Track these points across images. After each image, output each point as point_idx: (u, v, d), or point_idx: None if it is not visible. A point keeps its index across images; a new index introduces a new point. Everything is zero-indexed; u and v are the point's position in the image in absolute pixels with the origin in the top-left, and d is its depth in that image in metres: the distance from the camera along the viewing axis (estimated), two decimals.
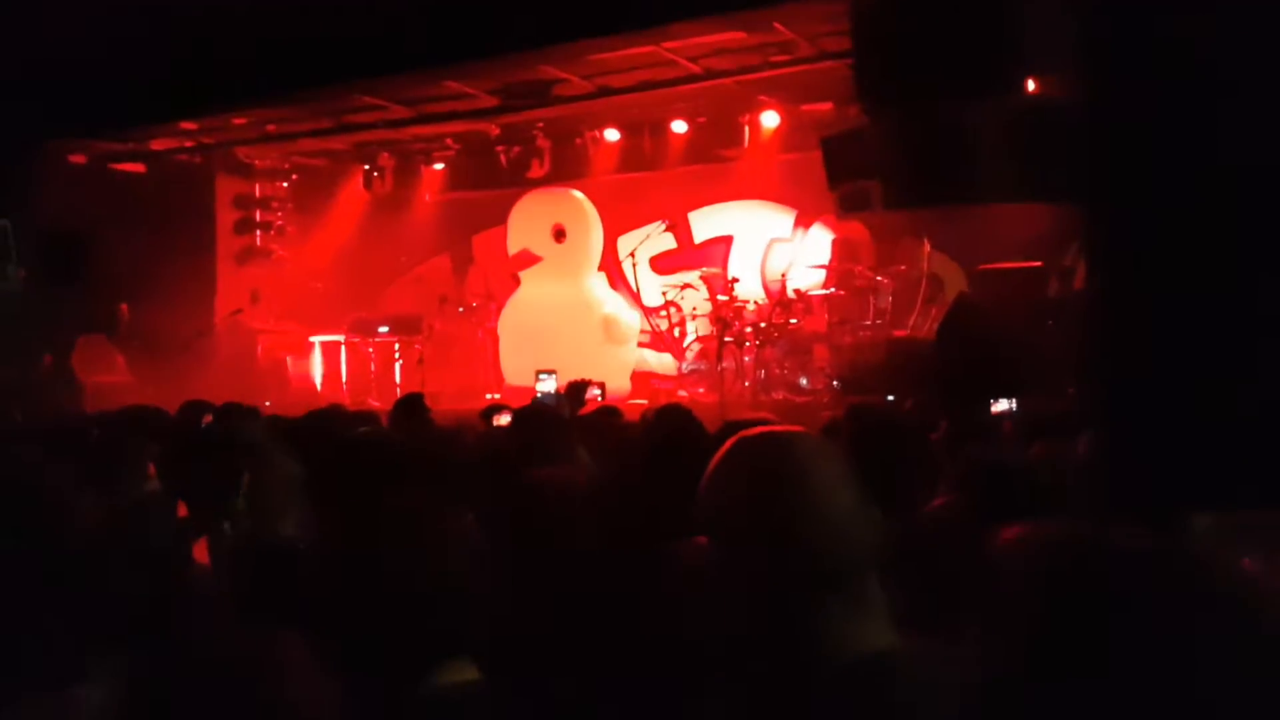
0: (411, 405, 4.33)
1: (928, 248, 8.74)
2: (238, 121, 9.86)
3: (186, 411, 4.08)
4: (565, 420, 3.46)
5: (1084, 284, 4.18)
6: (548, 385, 5.51)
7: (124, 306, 9.56)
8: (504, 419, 4.26)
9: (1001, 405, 4.15)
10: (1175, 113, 3.31)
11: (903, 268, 8.80)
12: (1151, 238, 3.06)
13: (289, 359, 10.06)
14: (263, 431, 3.37)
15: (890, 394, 6.99)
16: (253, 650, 1.33)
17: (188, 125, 9.65)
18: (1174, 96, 3.32)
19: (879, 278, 8.76)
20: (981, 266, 8.04)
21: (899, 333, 8.48)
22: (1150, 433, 2.49)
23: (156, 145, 10.14)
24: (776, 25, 7.58)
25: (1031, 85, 6.76)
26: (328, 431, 3.45)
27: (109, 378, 9.03)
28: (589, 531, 2.06)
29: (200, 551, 2.70)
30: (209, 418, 3.91)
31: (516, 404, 4.93)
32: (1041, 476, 2.16)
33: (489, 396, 8.95)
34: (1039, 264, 7.40)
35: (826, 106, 9.06)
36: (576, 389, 5.88)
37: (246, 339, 10.08)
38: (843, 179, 6.20)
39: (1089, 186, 3.70)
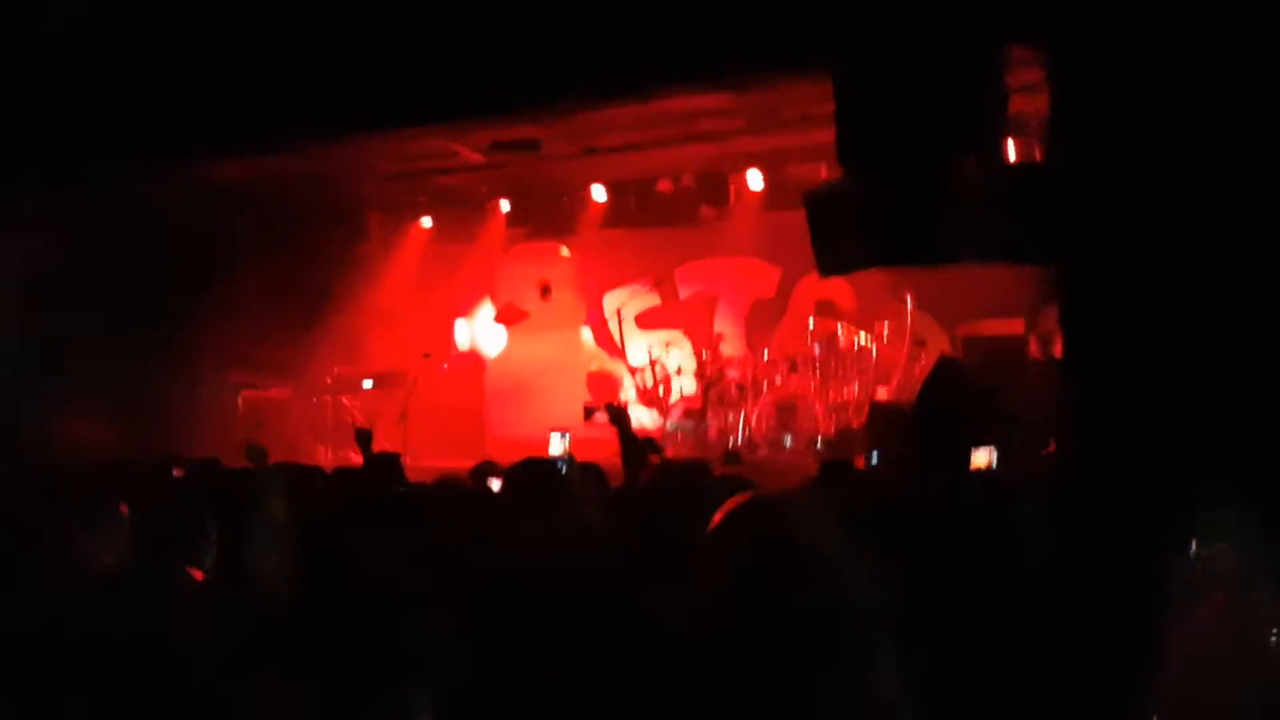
0: (387, 464, 4.30)
1: (911, 307, 8.79)
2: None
3: (157, 466, 4.05)
4: (562, 478, 3.38)
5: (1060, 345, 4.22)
6: (559, 446, 5.45)
7: None
8: (495, 484, 4.13)
9: (980, 461, 4.14)
10: (1139, 178, 3.37)
11: (886, 327, 8.85)
12: (1119, 298, 3.10)
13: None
14: (235, 486, 3.34)
15: (872, 454, 6.99)
16: None
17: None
18: (1137, 163, 3.38)
19: (862, 337, 8.80)
20: (963, 329, 8.10)
21: (882, 391, 8.50)
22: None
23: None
24: (761, 90, 7.69)
25: (1013, 148, 6.87)
26: (299, 489, 3.42)
27: (88, 430, 8.92)
28: (564, 592, 2.03)
29: None
30: (179, 471, 3.87)
31: (505, 460, 4.88)
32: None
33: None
34: (1020, 326, 7.45)
35: (810, 169, 9.17)
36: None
37: (228, 393, 10.02)
38: (825, 238, 6.24)
39: (1061, 248, 3.75)
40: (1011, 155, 6.23)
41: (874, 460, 7.02)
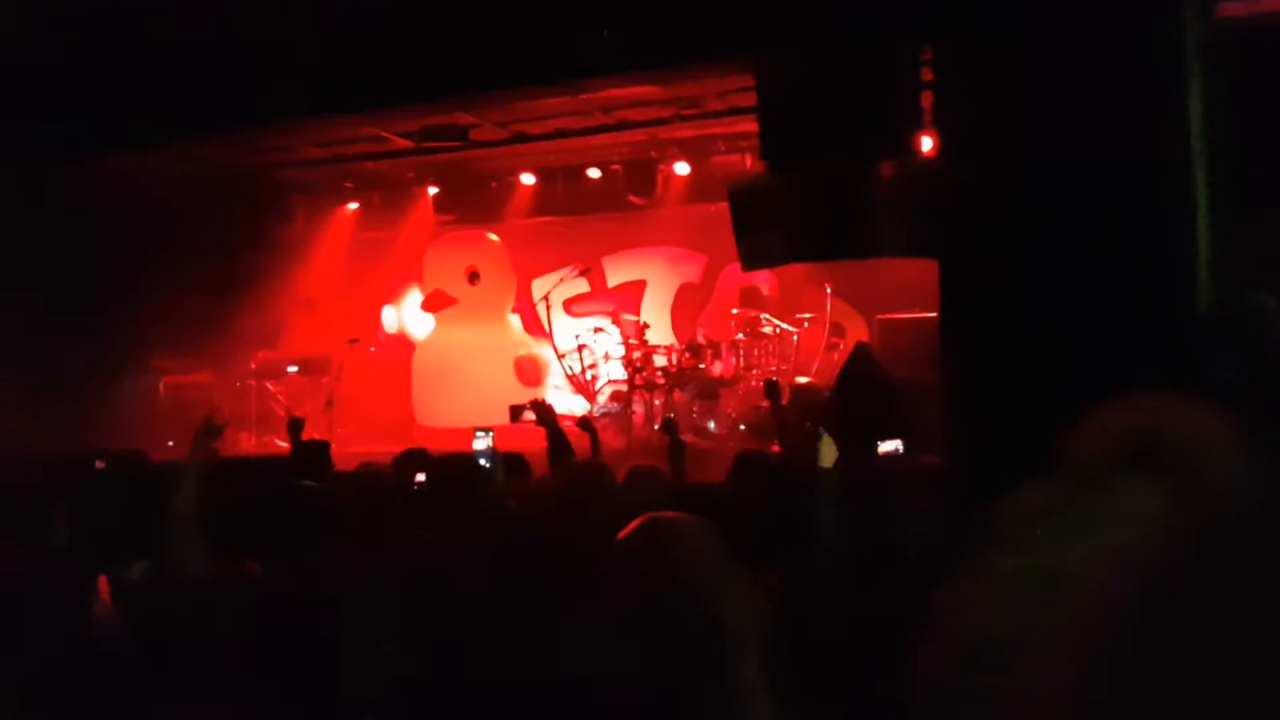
0: (315, 453, 4.34)
1: (830, 296, 9.03)
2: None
3: (79, 459, 4.03)
4: (488, 477, 3.44)
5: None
6: (483, 443, 5.55)
7: None
8: (420, 476, 4.17)
9: (888, 447, 4.32)
10: (1008, 177, 3.57)
11: (807, 315, 9.08)
12: (989, 288, 3.29)
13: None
14: (157, 475, 3.37)
15: (792, 439, 7.18)
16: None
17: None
18: (1006, 163, 3.58)
19: (784, 325, 9.01)
20: (881, 316, 8.34)
21: (802, 378, 8.72)
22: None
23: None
24: (688, 82, 7.81)
25: (928, 146, 7.09)
26: (231, 478, 3.45)
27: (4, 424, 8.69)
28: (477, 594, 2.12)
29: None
30: (101, 463, 3.87)
31: (432, 446, 4.93)
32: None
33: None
34: (935, 315, 7.69)
35: (735, 158, 9.33)
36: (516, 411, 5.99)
37: (150, 379, 9.87)
38: (748, 230, 6.39)
39: (942, 241, 3.95)
40: (925, 151, 6.44)
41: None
